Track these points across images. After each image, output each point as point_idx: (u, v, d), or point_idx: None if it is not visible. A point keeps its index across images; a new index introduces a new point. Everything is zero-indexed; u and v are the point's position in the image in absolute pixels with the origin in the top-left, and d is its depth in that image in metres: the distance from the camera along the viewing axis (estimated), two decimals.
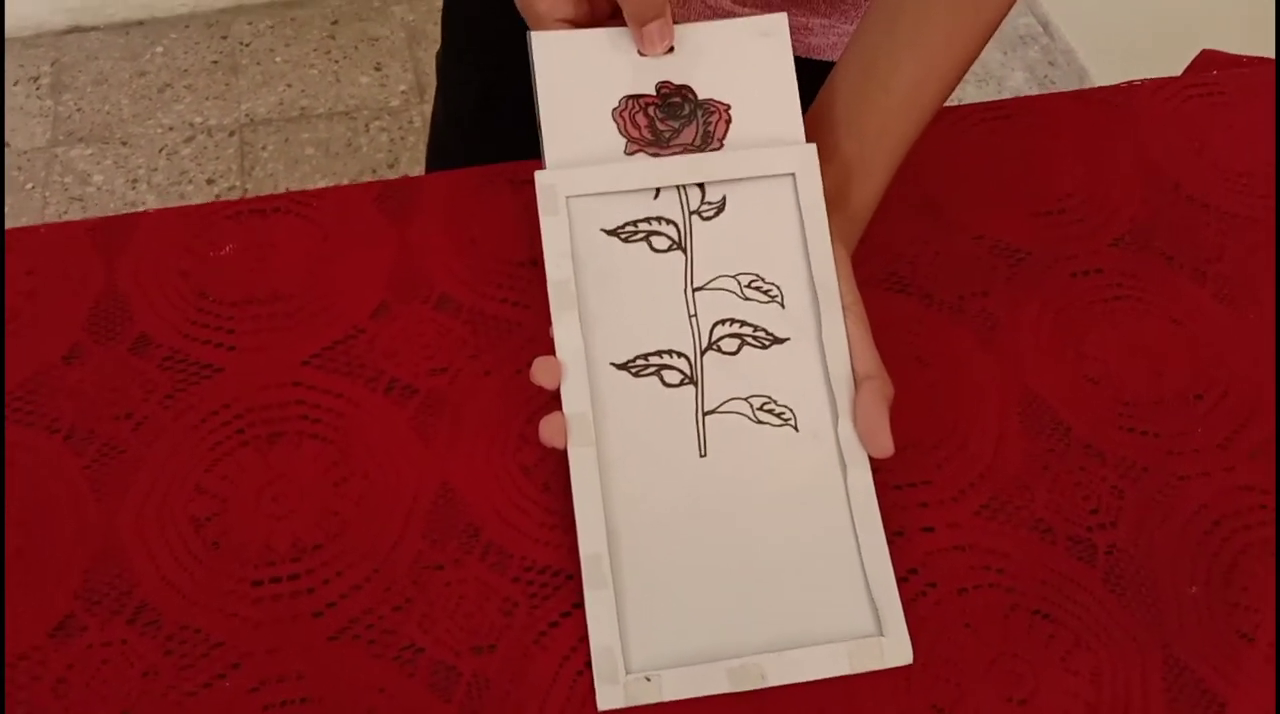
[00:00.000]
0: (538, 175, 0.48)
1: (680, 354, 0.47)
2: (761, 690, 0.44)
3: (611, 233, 0.48)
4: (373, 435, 0.50)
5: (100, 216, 0.57)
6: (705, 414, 0.47)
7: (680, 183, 0.48)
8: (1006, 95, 1.88)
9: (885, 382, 0.47)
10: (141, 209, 1.65)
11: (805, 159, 0.48)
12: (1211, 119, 0.65)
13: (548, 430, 0.46)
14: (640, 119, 0.49)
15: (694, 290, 0.48)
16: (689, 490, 0.46)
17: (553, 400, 0.46)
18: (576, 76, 0.49)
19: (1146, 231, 0.59)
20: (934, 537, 0.49)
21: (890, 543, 0.45)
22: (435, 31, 1.89)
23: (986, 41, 0.52)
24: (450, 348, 0.53)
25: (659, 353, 0.47)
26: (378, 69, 1.84)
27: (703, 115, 0.49)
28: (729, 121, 0.49)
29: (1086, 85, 1.90)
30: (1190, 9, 1.62)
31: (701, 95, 0.50)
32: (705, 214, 0.49)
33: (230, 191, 1.67)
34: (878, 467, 0.46)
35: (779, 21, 0.50)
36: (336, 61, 1.85)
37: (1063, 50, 1.95)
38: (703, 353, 0.47)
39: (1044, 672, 0.46)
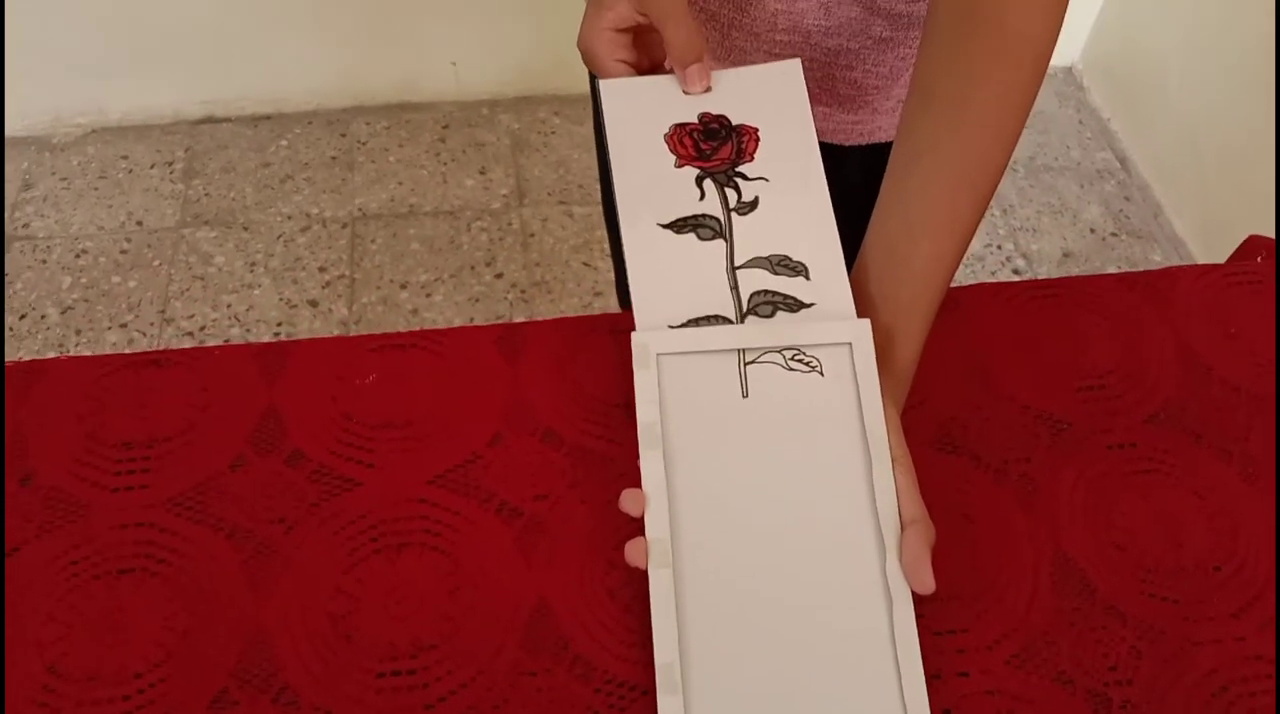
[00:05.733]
0: (633, 336, 0.57)
1: (724, 319, 0.58)
2: None
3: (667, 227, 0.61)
4: (483, 551, 0.59)
5: (263, 342, 0.67)
6: (747, 364, 0.57)
7: (756, 346, 0.57)
8: (1082, 228, 1.94)
9: (928, 526, 0.54)
10: (257, 291, 1.78)
11: (860, 332, 0.57)
12: (1249, 306, 0.72)
13: (632, 552, 0.54)
14: (686, 141, 0.62)
15: (734, 268, 0.59)
16: (735, 427, 0.56)
17: (639, 528, 0.54)
18: (636, 112, 0.63)
19: (1179, 410, 0.66)
20: (968, 681, 0.55)
21: (928, 684, 0.52)
22: (538, 140, 2.04)
23: (984, 211, 0.61)
24: (552, 477, 0.62)
25: (707, 318, 0.58)
26: (482, 173, 1.97)
27: (736, 137, 0.62)
28: (758, 140, 0.62)
29: (1160, 220, 1.95)
30: (1264, 147, 1.67)
31: (735, 121, 0.63)
32: (741, 212, 0.61)
33: (339, 280, 1.80)
34: (925, 613, 0.53)
35: (794, 65, 0.64)
36: (445, 163, 1.98)
37: (1139, 186, 2.01)
38: (743, 317, 0.58)
39: None
